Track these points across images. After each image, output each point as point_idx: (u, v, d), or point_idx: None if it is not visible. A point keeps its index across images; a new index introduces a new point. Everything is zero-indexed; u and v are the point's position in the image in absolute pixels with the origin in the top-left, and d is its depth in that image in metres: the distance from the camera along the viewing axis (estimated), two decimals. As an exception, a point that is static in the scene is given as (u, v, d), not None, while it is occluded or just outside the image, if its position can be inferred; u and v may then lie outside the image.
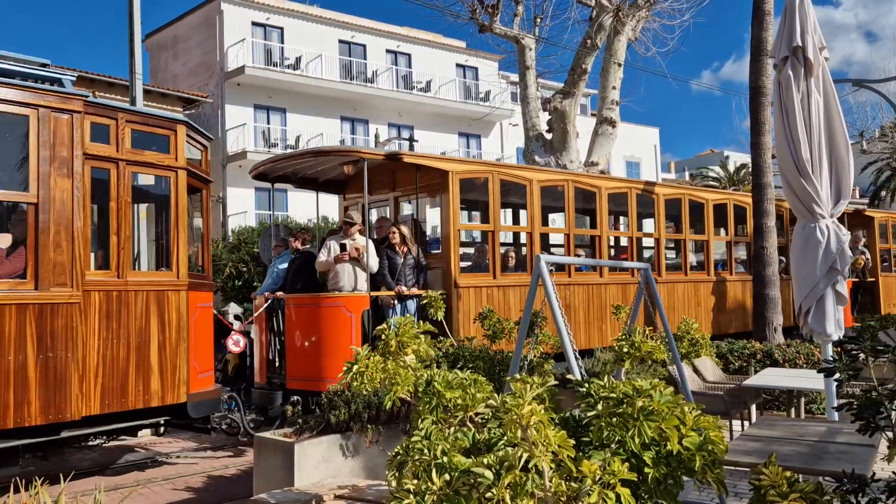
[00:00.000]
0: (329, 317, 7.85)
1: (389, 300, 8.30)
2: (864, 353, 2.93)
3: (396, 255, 8.45)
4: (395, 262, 8.41)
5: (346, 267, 8.11)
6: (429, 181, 8.80)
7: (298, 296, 8.28)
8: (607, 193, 10.41)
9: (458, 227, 8.55)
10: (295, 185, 10.04)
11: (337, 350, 7.54)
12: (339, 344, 7.58)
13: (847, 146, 5.69)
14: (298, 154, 9.27)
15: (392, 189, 9.76)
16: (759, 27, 10.82)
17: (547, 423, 2.28)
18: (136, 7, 11.35)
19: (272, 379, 8.35)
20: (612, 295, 10.33)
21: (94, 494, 3.80)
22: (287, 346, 8.16)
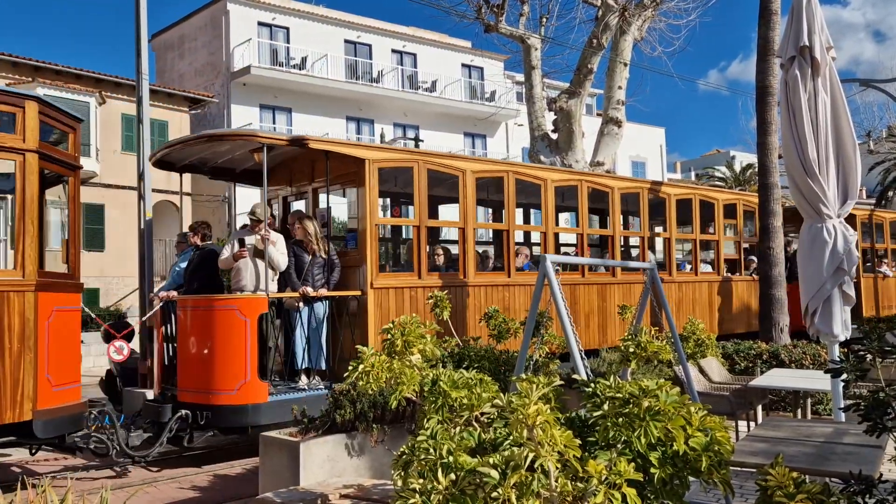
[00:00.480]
0: (221, 321, 6.94)
1: (294, 303, 7.55)
2: (871, 354, 2.92)
3: (303, 253, 7.63)
4: (302, 260, 7.61)
5: (248, 265, 7.43)
6: (345, 170, 7.93)
7: (189, 297, 7.43)
8: (553, 186, 9.68)
9: (376, 222, 7.76)
10: (209, 175, 9.29)
11: (228, 359, 6.77)
12: (230, 352, 6.78)
13: (854, 146, 5.67)
14: (193, 138, 8.25)
15: (311, 180, 8.81)
16: (765, 27, 10.78)
17: (553, 422, 2.28)
18: (143, 7, 11.38)
19: (166, 391, 7.41)
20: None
21: (100, 492, 3.82)
22: (179, 354, 7.29)
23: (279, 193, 9.46)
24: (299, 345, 7.47)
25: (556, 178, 9.68)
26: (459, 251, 8.58)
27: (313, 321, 7.51)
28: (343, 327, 7.62)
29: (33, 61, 21.56)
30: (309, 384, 7.48)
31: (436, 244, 10.05)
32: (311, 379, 7.55)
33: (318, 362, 7.52)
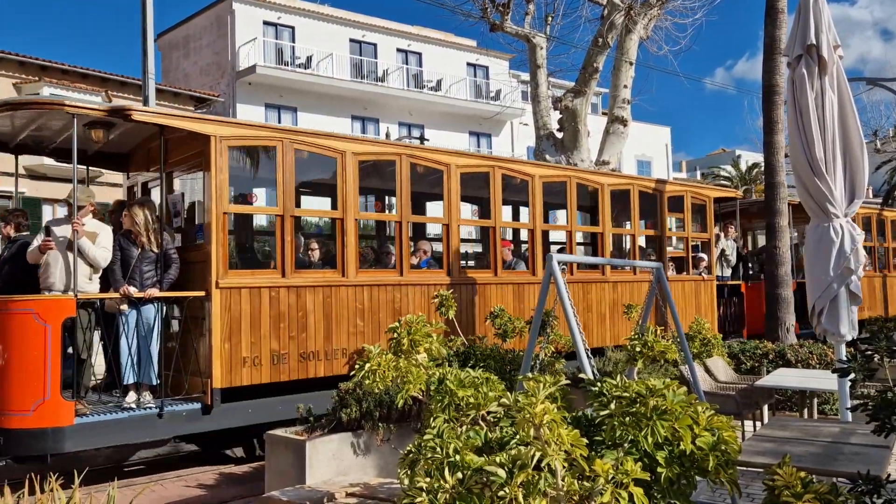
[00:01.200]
0: (14, 327, 5.84)
1: (116, 305, 6.41)
2: (878, 354, 2.91)
3: (132, 246, 6.52)
4: (130, 254, 6.50)
5: (58, 260, 6.33)
6: (191, 150, 6.83)
7: (-20, 298, 6.28)
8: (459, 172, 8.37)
9: (224, 210, 6.52)
10: (53, 157, 7.99)
11: (22, 373, 5.71)
12: (25, 365, 5.72)
13: (861, 145, 5.66)
14: None
15: (166, 162, 7.48)
16: (772, 25, 10.75)
17: (560, 422, 2.28)
18: (149, 7, 11.42)
19: None
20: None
21: (107, 491, 3.83)
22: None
23: (138, 179, 8.19)
24: (124, 356, 6.31)
25: (461, 164, 8.32)
26: (337, 245, 7.27)
27: (142, 327, 6.36)
28: (186, 334, 6.53)
29: (40, 61, 21.64)
30: (138, 402, 6.28)
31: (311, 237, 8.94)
32: (141, 396, 6.35)
33: (148, 376, 6.35)
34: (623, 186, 10.22)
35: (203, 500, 5.95)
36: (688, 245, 11.37)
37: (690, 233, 11.49)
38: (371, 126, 30.76)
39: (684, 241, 11.46)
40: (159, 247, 6.57)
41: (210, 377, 6.28)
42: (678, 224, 12.32)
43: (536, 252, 8.97)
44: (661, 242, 10.77)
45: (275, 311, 6.68)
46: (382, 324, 7.30)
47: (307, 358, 6.85)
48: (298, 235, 8.55)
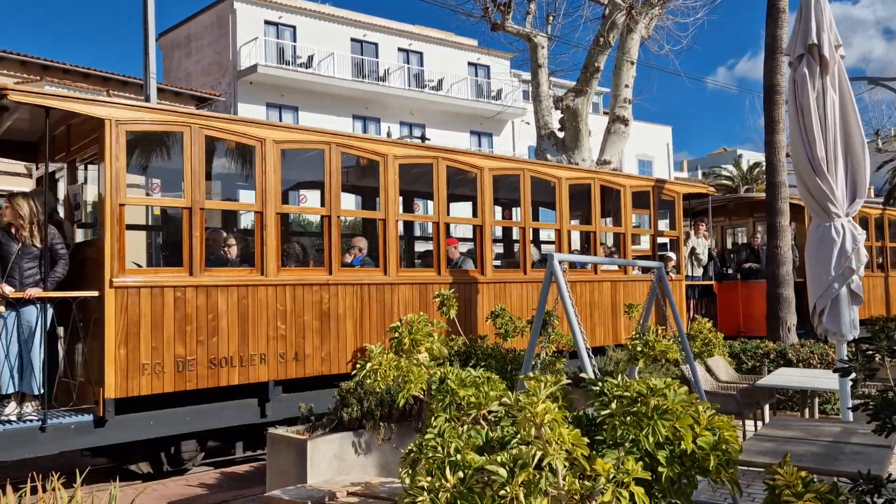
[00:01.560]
0: None
1: None
2: (879, 354, 2.91)
3: (11, 241, 6.02)
4: (8, 249, 5.99)
5: None
6: (87, 136, 6.37)
7: None
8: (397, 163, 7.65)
9: (120, 202, 5.95)
10: None
11: None
12: None
13: (863, 144, 5.66)
14: None
15: (67, 151, 7.00)
16: (773, 25, 10.74)
17: (561, 421, 2.28)
18: (151, 6, 11.43)
19: None
20: None
21: (109, 490, 3.84)
22: None
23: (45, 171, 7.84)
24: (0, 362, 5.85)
25: (399, 154, 7.80)
26: (256, 241, 6.75)
27: (22, 331, 5.88)
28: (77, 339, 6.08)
29: (42, 60, 21.66)
30: (19, 414, 5.82)
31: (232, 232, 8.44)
32: (22, 406, 5.89)
33: (29, 385, 5.85)
34: (583, 181, 9.61)
35: (205, 499, 5.96)
36: (654, 243, 10.71)
37: (657, 230, 10.82)
38: (372, 125, 30.77)
39: (650, 238, 10.85)
40: (43, 241, 5.99)
41: (103, 386, 5.73)
42: (646, 221, 11.76)
43: (486, 250, 8.33)
44: (625, 240, 10.09)
45: (180, 312, 6.11)
46: (308, 326, 6.82)
47: (218, 364, 6.27)
48: (220, 231, 8.22)
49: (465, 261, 8.66)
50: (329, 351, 7.00)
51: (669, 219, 11.22)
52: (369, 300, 7.35)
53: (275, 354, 6.62)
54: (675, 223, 11.01)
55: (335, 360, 7.04)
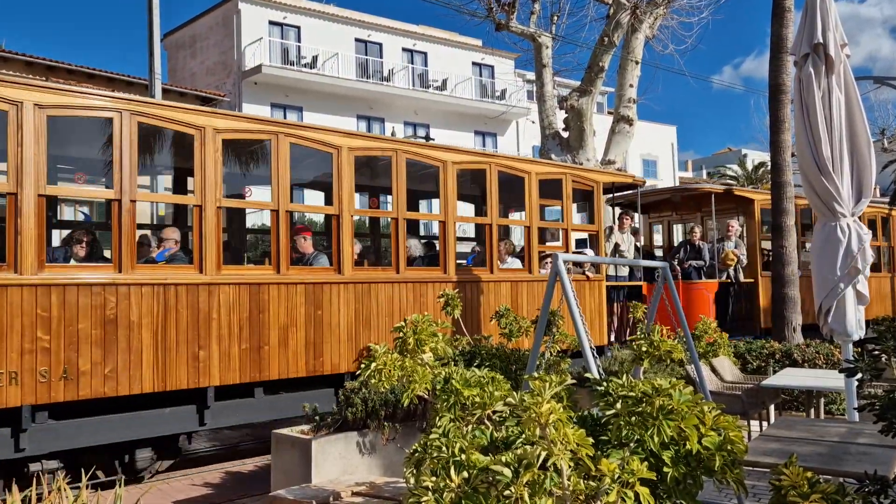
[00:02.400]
0: None
1: None
2: (886, 354, 2.90)
3: None
4: None
5: None
6: None
7: None
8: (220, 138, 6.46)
9: None
10: None
11: None
12: None
13: (869, 144, 5.63)
14: None
15: None
16: (779, 24, 10.71)
17: (565, 421, 2.28)
18: (156, 7, 11.46)
19: None
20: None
21: (114, 490, 3.85)
22: None
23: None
24: None
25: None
26: (8, 229, 5.53)
27: None
28: None
29: (47, 61, 21.74)
30: None
31: None
32: None
33: None
34: (476, 165, 8.43)
35: (209, 498, 5.97)
36: (566, 238, 9.49)
37: (571, 224, 9.56)
38: (376, 125, 30.80)
39: (563, 233, 9.63)
40: None
41: None
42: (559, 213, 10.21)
43: (344, 243, 7.09)
44: (529, 234, 8.85)
45: None
46: (84, 337, 5.56)
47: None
48: None
49: (318, 257, 7.52)
50: (116, 367, 5.68)
51: (588, 211, 10.12)
52: (177, 305, 6.05)
53: (31, 372, 5.33)
54: (595, 216, 9.87)
55: (125, 377, 5.74)
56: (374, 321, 7.26)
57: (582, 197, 10.08)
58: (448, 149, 8.36)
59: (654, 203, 13.41)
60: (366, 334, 7.18)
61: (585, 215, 10.64)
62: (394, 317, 7.36)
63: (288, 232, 6.82)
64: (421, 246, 9.39)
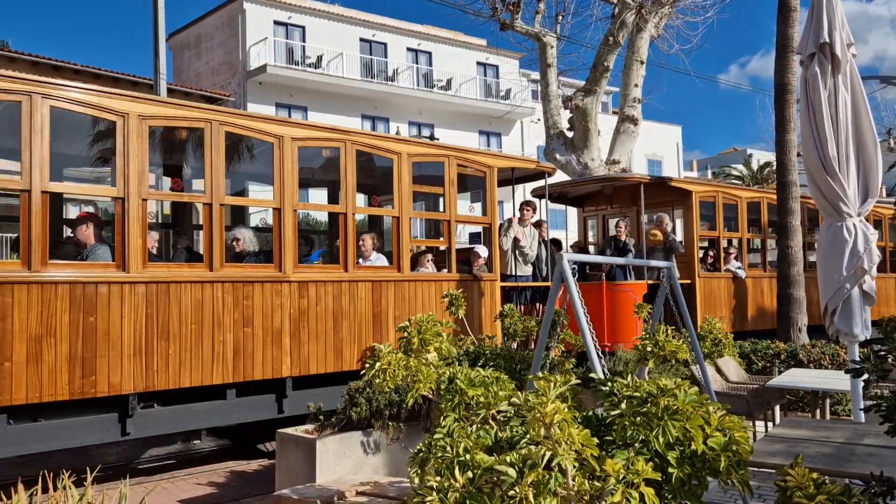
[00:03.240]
0: None
1: None
2: (892, 354, 2.89)
3: None
4: None
5: None
6: None
7: None
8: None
9: None
10: None
11: None
12: None
13: (875, 144, 5.61)
14: None
15: None
16: (784, 23, 10.68)
17: (570, 421, 2.27)
18: (161, 7, 11.48)
19: None
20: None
21: (119, 488, 3.86)
22: None
23: None
24: None
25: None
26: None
27: None
28: None
29: (53, 61, 21.80)
30: None
31: None
32: None
33: None
34: (324, 143, 7.26)
35: (214, 498, 5.98)
36: (449, 231, 8.21)
37: (455, 215, 8.25)
38: (381, 125, 30.81)
39: (446, 227, 8.32)
40: None
41: None
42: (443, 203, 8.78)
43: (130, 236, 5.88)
44: (398, 226, 7.65)
45: None
46: None
47: None
48: None
49: (97, 249, 6.31)
50: None
51: (482, 201, 8.77)
52: None
53: None
54: (488, 207, 8.61)
55: None
56: (176, 329, 6.01)
57: (471, 184, 9.15)
58: (285, 122, 7.08)
59: (589, 195, 11.95)
60: (163, 345, 5.93)
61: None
62: (203, 325, 6.19)
63: (46, 217, 5.52)
64: (255, 239, 7.93)
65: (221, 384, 6.33)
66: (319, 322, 6.94)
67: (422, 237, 11.86)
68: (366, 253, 7.82)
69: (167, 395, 6.15)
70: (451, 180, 8.07)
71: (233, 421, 6.61)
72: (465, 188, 9.79)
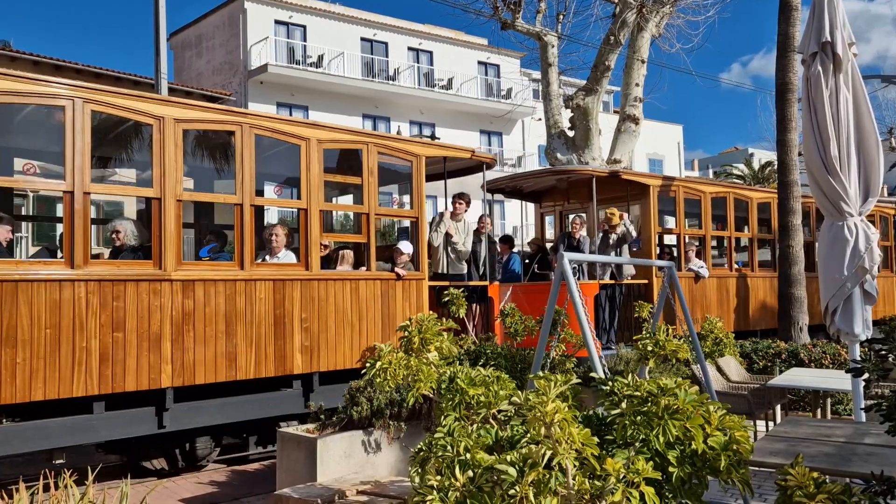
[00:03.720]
0: None
1: None
2: (893, 354, 2.89)
3: None
4: None
5: None
6: None
7: None
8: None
9: None
10: None
11: None
12: None
13: (877, 143, 5.61)
14: None
15: None
16: (785, 22, 10.68)
17: (570, 420, 2.28)
18: (162, 6, 11.49)
19: None
20: None
21: (120, 487, 3.86)
22: None
23: None
24: None
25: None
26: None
27: None
28: None
29: (53, 60, 21.81)
30: None
31: None
32: None
33: None
34: (217, 126, 6.64)
35: (215, 497, 5.98)
36: (367, 225, 7.42)
37: (375, 208, 7.52)
38: (382, 125, 30.80)
39: (363, 220, 7.47)
40: None
41: None
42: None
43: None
44: (307, 219, 6.97)
45: None
46: None
47: None
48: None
49: None
50: None
51: (410, 194, 8.02)
52: None
53: None
54: (414, 200, 7.87)
55: None
56: (26, 335, 5.35)
57: (394, 176, 8.47)
58: (166, 101, 6.38)
59: (547, 191, 11.27)
60: (8, 353, 5.26)
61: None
62: (62, 329, 5.51)
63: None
64: (139, 232, 6.95)
65: (86, 396, 5.62)
66: (208, 325, 6.25)
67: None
68: (276, 248, 7.18)
69: (17, 409, 5.45)
70: (370, 169, 7.36)
71: (101, 438, 5.93)
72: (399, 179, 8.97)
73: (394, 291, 7.55)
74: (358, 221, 7.71)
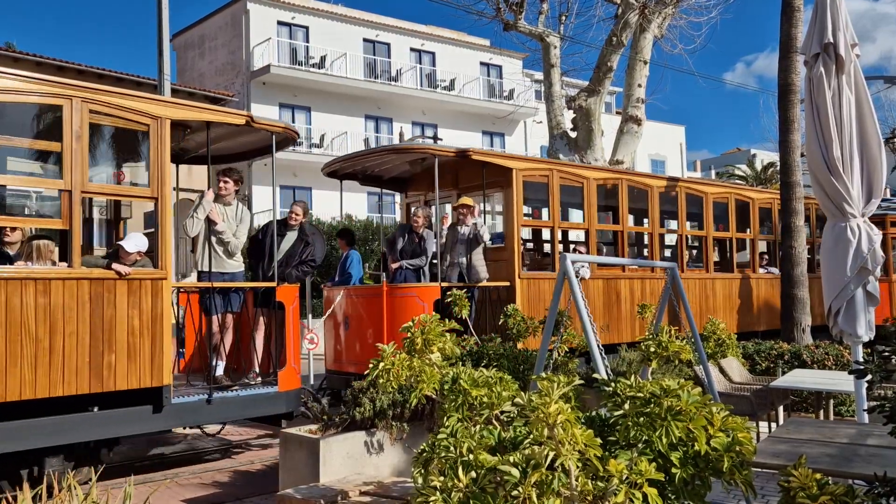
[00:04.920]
0: None
1: None
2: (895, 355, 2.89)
3: None
4: None
5: None
6: None
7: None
8: None
9: None
10: None
11: None
12: None
13: (880, 144, 5.60)
14: None
15: None
16: (788, 23, 10.67)
17: (573, 421, 2.28)
18: (165, 7, 11.51)
19: None
20: None
21: (124, 487, 3.87)
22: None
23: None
24: None
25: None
26: None
27: None
28: None
29: (57, 61, 21.85)
30: None
31: None
32: None
33: None
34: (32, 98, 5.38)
35: (218, 497, 5.99)
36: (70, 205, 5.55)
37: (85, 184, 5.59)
38: (384, 125, 30.83)
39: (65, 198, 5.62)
40: None
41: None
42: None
43: None
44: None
45: None
46: None
47: None
48: None
49: None
50: None
51: (148, 168, 6.02)
52: None
53: None
54: (153, 176, 5.95)
55: None
56: None
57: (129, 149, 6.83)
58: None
59: (413, 178, 9.93)
60: None
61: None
62: None
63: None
64: None
65: None
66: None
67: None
68: None
69: None
70: (75, 133, 5.50)
71: None
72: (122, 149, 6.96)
73: (112, 296, 5.63)
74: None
